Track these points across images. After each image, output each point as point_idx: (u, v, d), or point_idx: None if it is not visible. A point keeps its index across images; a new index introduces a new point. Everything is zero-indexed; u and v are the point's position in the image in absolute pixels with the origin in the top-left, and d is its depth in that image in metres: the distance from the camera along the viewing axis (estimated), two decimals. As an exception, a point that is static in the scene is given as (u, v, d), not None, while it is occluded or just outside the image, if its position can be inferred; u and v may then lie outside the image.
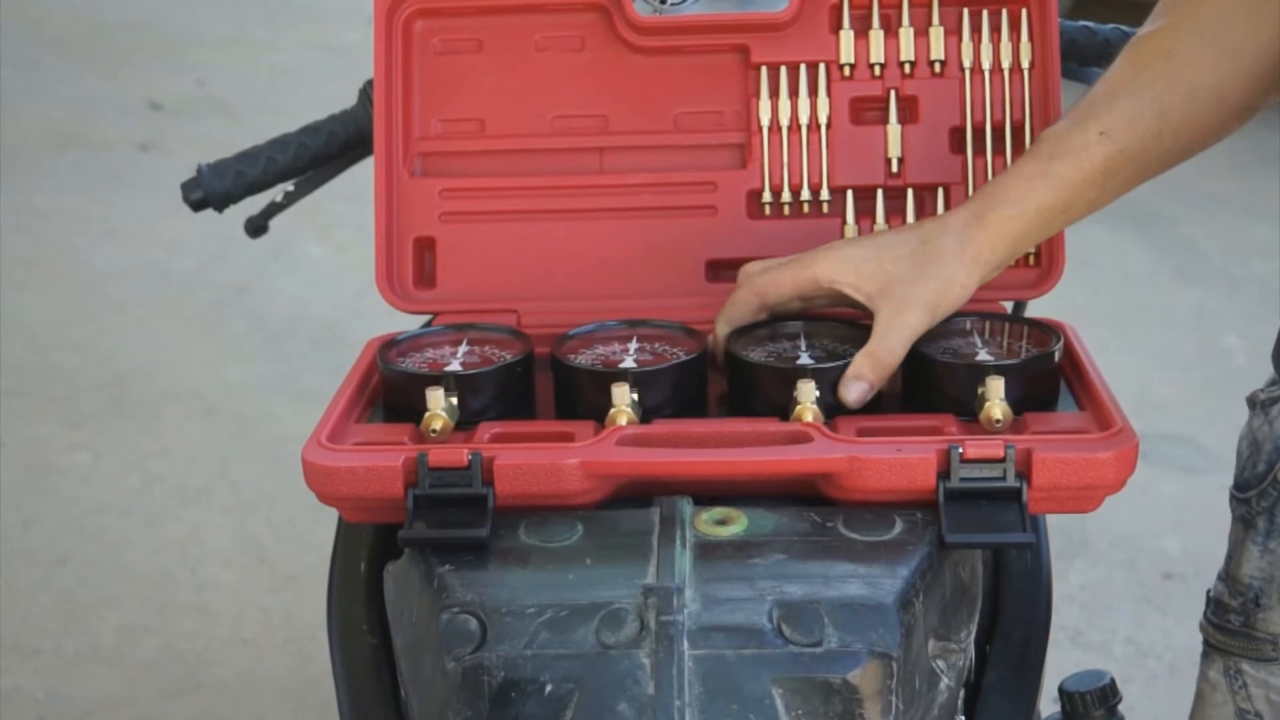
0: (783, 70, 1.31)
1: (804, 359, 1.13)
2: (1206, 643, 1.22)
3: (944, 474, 1.01)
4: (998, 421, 1.05)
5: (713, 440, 1.06)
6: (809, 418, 1.07)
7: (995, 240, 1.11)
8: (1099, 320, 3.48)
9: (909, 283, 1.11)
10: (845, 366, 1.11)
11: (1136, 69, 1.12)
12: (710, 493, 1.04)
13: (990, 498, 1.01)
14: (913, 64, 1.30)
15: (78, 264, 3.93)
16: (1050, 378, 1.13)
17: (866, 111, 1.32)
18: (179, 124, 4.82)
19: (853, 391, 1.09)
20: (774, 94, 1.31)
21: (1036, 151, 1.12)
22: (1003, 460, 1.01)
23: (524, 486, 1.02)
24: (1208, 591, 1.22)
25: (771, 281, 1.16)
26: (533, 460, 1.02)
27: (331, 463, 1.03)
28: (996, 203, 1.11)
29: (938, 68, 1.30)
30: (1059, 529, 2.46)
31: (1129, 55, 1.13)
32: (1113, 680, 1.18)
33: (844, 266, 1.13)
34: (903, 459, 1.01)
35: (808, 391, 1.08)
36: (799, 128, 1.31)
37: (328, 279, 3.82)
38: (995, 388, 1.06)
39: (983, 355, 1.12)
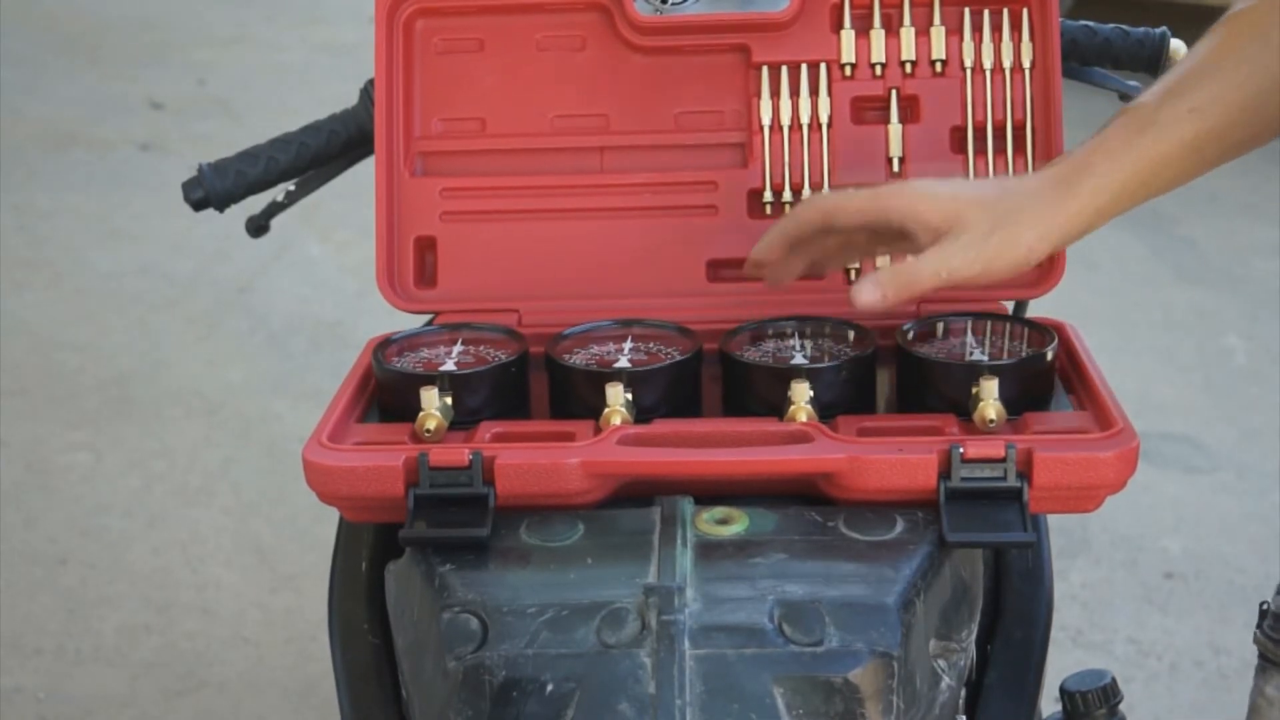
0: (784, 70, 1.31)
1: (798, 359, 1.13)
2: (1263, 657, 1.19)
3: (945, 474, 1.01)
4: (991, 421, 1.05)
5: (714, 440, 1.06)
6: (803, 418, 1.06)
7: (1074, 215, 1.06)
8: (1100, 320, 3.48)
9: (976, 231, 1.06)
10: (840, 367, 1.11)
11: (1230, 47, 1.08)
12: (711, 492, 1.04)
13: (991, 497, 1.01)
14: (914, 63, 1.30)
15: (79, 264, 3.93)
16: (1044, 378, 1.13)
17: (867, 111, 1.32)
18: (180, 123, 4.82)
19: (864, 293, 1.06)
20: (775, 93, 1.31)
21: (1122, 125, 1.08)
22: (1004, 460, 1.00)
23: (525, 486, 1.01)
24: (1261, 605, 1.19)
25: (842, 206, 1.11)
26: (534, 460, 1.02)
27: (332, 462, 1.03)
28: (1079, 175, 1.07)
29: (939, 67, 1.30)
30: (1060, 528, 2.46)
31: (1223, 32, 1.09)
32: (1114, 679, 1.17)
33: (916, 202, 1.08)
34: (904, 459, 1.01)
35: (802, 392, 1.08)
36: (800, 127, 1.31)
37: (329, 278, 3.82)
38: (989, 388, 1.06)
39: (976, 355, 1.12)
